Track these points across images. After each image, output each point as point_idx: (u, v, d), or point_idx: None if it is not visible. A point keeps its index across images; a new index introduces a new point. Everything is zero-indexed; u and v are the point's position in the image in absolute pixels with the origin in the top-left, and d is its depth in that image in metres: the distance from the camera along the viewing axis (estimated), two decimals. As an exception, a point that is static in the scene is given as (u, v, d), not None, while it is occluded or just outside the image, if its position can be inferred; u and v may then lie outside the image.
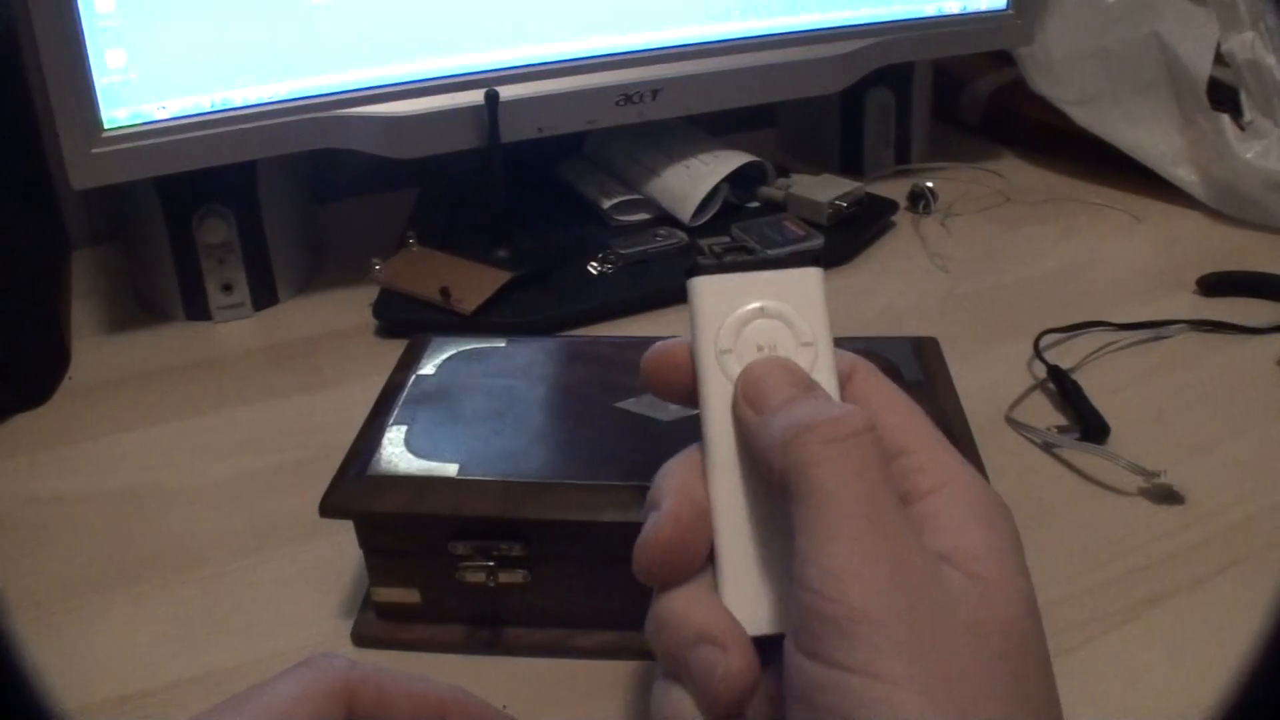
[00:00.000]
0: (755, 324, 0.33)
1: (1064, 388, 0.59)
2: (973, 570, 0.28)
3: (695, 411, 0.33)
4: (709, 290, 0.33)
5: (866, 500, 0.28)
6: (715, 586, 0.31)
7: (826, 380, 0.32)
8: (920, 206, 0.83)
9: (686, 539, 0.31)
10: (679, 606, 0.30)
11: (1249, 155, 0.77)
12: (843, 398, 0.33)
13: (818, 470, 0.28)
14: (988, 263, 0.76)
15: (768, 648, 0.30)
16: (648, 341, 0.54)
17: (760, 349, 0.32)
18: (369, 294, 0.71)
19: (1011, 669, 0.27)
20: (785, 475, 0.29)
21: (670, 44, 0.75)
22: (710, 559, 0.31)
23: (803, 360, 0.32)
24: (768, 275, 0.33)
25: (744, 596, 0.31)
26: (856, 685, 0.25)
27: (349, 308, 0.72)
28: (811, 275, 0.34)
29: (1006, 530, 0.30)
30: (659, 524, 0.31)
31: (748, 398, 0.31)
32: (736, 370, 0.32)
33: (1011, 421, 0.57)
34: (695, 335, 0.33)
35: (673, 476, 0.32)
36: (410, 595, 0.44)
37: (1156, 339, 0.65)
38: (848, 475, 0.28)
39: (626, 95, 0.73)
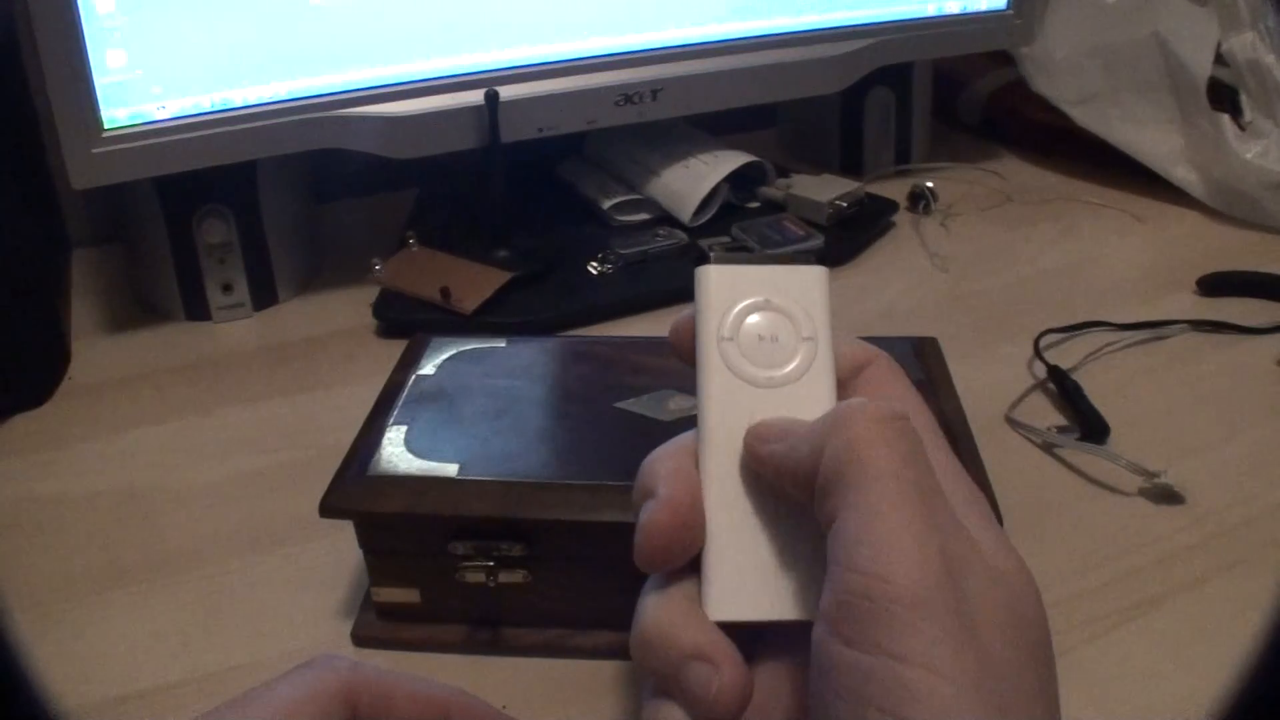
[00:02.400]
0: (758, 315, 0.33)
1: (1064, 388, 0.59)
2: (995, 564, 0.28)
3: (696, 411, 0.33)
4: (716, 279, 0.34)
5: (917, 483, 0.28)
6: (700, 591, 0.31)
7: (824, 379, 0.33)
8: (920, 206, 0.83)
9: (686, 522, 0.31)
10: (665, 626, 0.30)
11: (1249, 155, 0.77)
12: (855, 389, 0.34)
13: (871, 450, 0.28)
14: (988, 263, 0.76)
15: (750, 645, 0.30)
16: (648, 341, 0.54)
17: (761, 339, 0.33)
18: (369, 294, 0.71)
19: (1036, 666, 0.27)
20: (834, 456, 0.28)
21: (670, 44, 0.75)
22: (693, 564, 0.31)
23: (803, 354, 0.33)
24: (774, 270, 0.34)
25: (739, 580, 0.31)
26: (907, 676, 0.25)
27: (349, 308, 0.72)
28: (817, 273, 0.34)
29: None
30: (658, 510, 0.31)
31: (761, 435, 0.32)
32: (736, 357, 0.33)
33: (1011, 421, 0.57)
34: (699, 321, 0.34)
35: (667, 460, 0.32)
36: (410, 595, 0.44)
37: (1156, 339, 0.65)
38: (900, 455, 0.28)
39: (626, 95, 0.73)
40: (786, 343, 0.33)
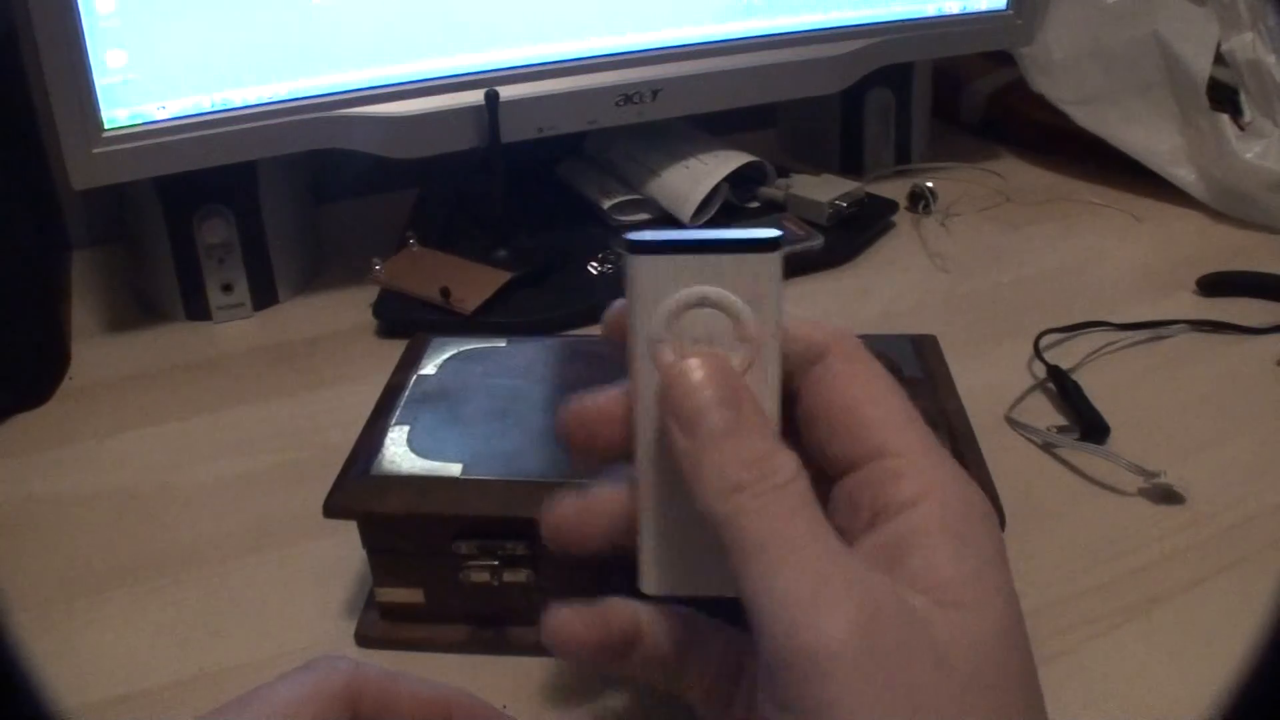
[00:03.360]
0: (694, 312, 0.30)
1: (1064, 388, 0.59)
2: (943, 596, 0.27)
3: None
4: (650, 270, 0.30)
5: (804, 537, 0.27)
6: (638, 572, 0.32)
7: (766, 384, 0.30)
8: (920, 206, 0.83)
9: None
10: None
11: (1249, 155, 0.77)
12: (810, 385, 0.31)
13: (752, 522, 0.27)
14: (988, 263, 0.76)
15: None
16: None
17: (696, 341, 0.30)
18: (369, 294, 0.71)
19: (985, 696, 0.26)
20: (718, 526, 0.28)
21: (670, 44, 0.75)
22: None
23: (737, 358, 0.30)
24: (717, 259, 0.30)
25: (671, 557, 0.31)
26: None
27: (349, 308, 0.72)
28: (766, 262, 0.30)
29: (988, 546, 0.29)
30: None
31: (674, 414, 0.30)
32: (668, 362, 0.30)
33: (1011, 421, 0.57)
34: (631, 317, 0.31)
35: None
36: (414, 595, 0.44)
37: (1156, 339, 0.65)
38: (781, 519, 0.27)
39: (626, 95, 0.73)
40: (723, 344, 0.30)
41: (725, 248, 0.30)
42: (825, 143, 0.91)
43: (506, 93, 0.69)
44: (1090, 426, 0.56)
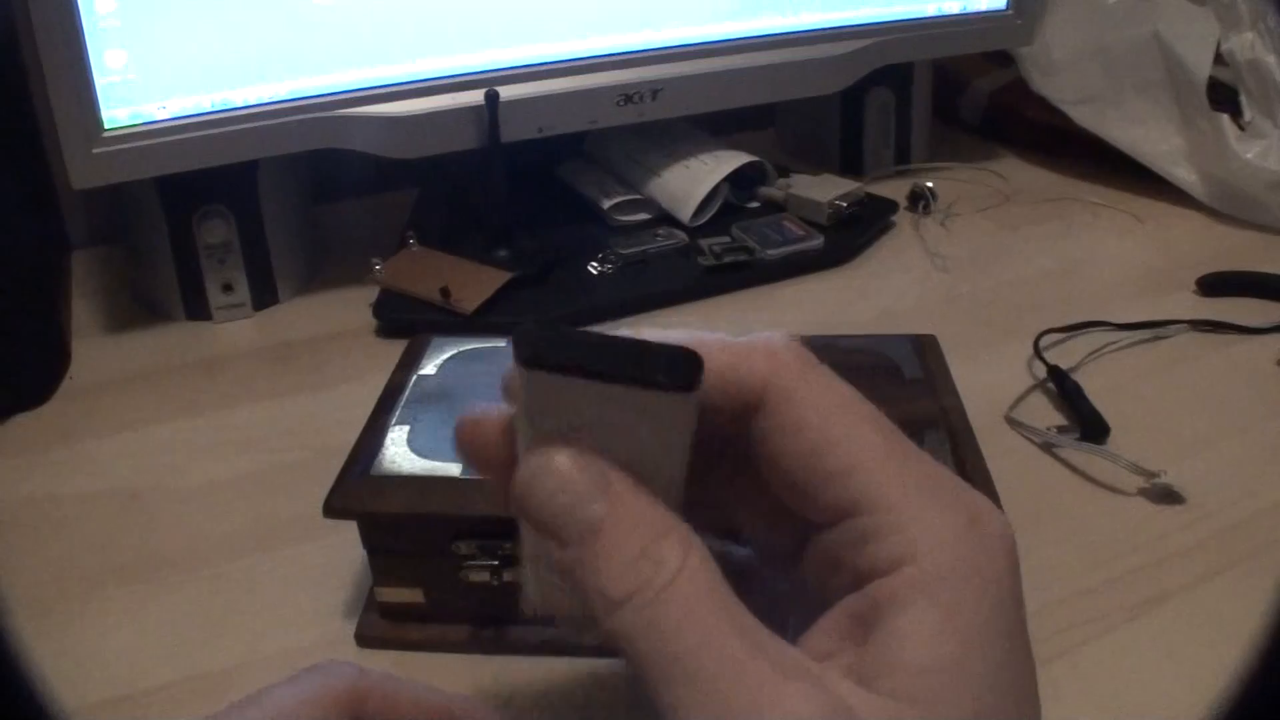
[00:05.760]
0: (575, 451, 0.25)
1: (1064, 388, 0.59)
2: (904, 687, 0.22)
3: None
4: (543, 388, 0.25)
5: (700, 648, 0.23)
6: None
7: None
8: (920, 206, 0.83)
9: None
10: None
11: (1249, 155, 0.77)
12: (759, 435, 0.26)
13: (641, 641, 0.23)
14: (988, 263, 0.76)
15: None
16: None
17: None
18: (369, 294, 0.71)
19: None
20: (608, 637, 0.24)
21: (670, 44, 0.75)
22: None
23: None
24: (622, 393, 0.24)
25: (555, 590, 0.26)
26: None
27: (349, 308, 0.72)
28: (677, 405, 0.25)
29: (983, 615, 0.23)
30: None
31: (536, 524, 0.25)
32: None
33: (1011, 421, 0.57)
34: (518, 420, 0.27)
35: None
36: (414, 595, 0.44)
37: (1156, 339, 0.65)
38: (670, 634, 0.23)
39: (626, 95, 0.73)
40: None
41: (634, 377, 0.24)
42: (825, 143, 0.91)
43: (506, 93, 0.69)
44: (1090, 426, 0.56)
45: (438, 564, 0.43)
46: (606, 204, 0.78)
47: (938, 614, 0.23)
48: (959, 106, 0.99)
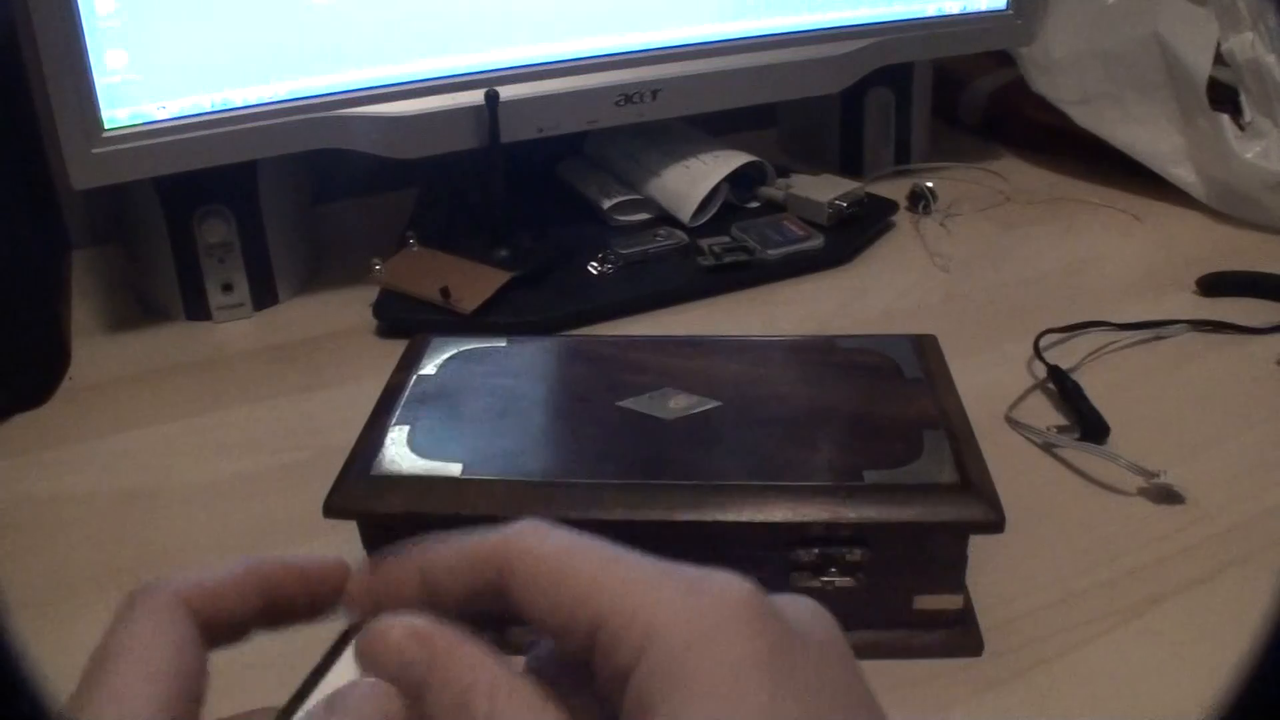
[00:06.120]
0: None
1: (1064, 388, 0.59)
2: None
3: (699, 409, 0.32)
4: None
5: None
6: None
7: None
8: (920, 206, 0.83)
9: None
10: None
11: (1249, 155, 0.77)
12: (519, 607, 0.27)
13: None
14: (988, 263, 0.76)
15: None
16: (648, 341, 0.54)
17: None
18: (369, 294, 0.71)
19: None
20: None
21: (670, 44, 0.75)
22: None
23: None
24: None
25: None
26: None
27: (349, 308, 0.72)
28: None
29: (723, 679, 0.22)
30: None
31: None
32: None
33: (1011, 421, 0.57)
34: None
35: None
36: (411, 595, 0.44)
37: (1156, 339, 0.65)
38: None
39: (626, 95, 0.73)
40: None
41: None
42: (825, 143, 0.91)
43: (506, 93, 0.69)
44: (1090, 426, 0.56)
45: (438, 564, 0.43)
46: (606, 204, 0.78)
47: (680, 690, 0.22)
48: (959, 106, 0.99)
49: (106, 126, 0.62)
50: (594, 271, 0.72)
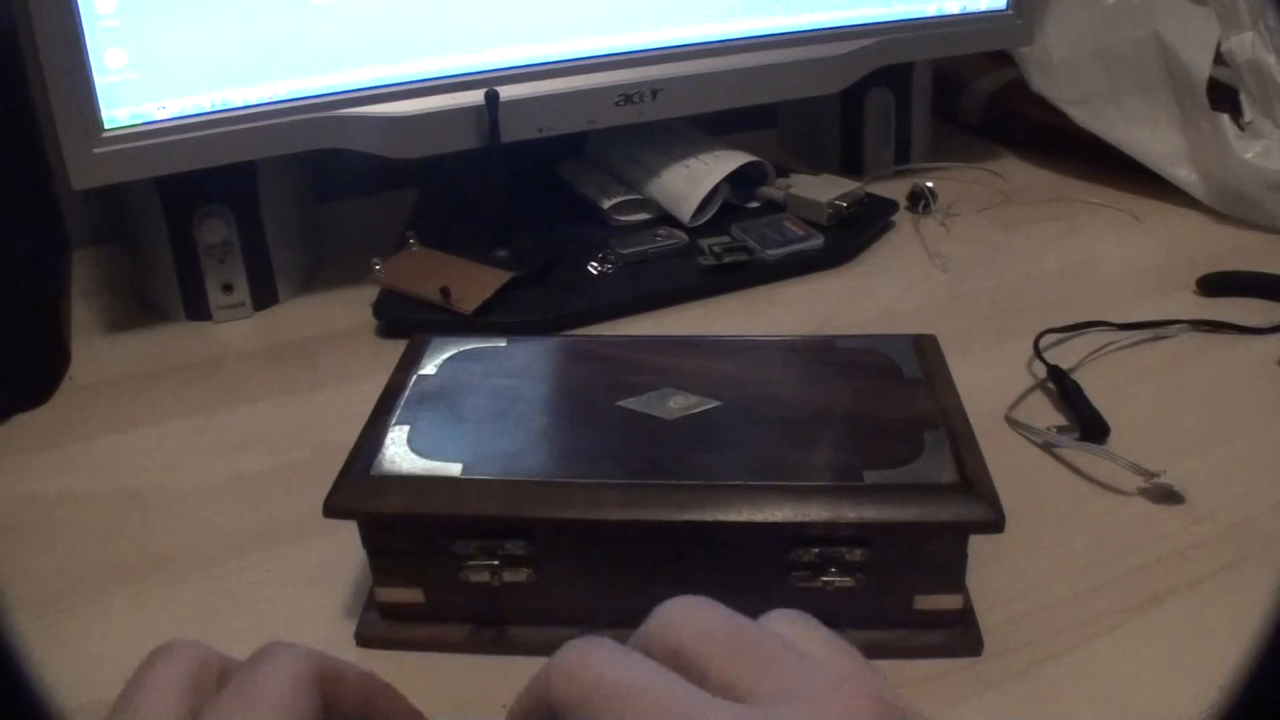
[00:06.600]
0: None
1: (1064, 388, 0.59)
2: None
3: (699, 409, 0.32)
4: None
5: None
6: None
7: None
8: (920, 206, 0.83)
9: None
10: None
11: (1249, 155, 0.77)
12: None
13: None
14: (988, 263, 0.76)
15: None
16: (649, 340, 0.54)
17: None
18: (369, 294, 0.71)
19: None
20: None
21: (670, 44, 0.75)
22: None
23: None
24: None
25: None
26: None
27: (349, 308, 0.72)
28: None
29: None
30: None
31: None
32: None
33: (1011, 421, 0.57)
34: None
35: None
36: (414, 595, 0.44)
37: (1156, 339, 0.65)
38: None
39: (626, 95, 0.73)
40: None
41: None
42: (825, 143, 0.91)
43: (506, 93, 0.69)
44: (1090, 426, 0.56)
45: (437, 564, 0.43)
46: (606, 204, 0.78)
47: None
48: (959, 106, 0.99)
49: (106, 126, 0.62)
50: (594, 271, 0.72)
